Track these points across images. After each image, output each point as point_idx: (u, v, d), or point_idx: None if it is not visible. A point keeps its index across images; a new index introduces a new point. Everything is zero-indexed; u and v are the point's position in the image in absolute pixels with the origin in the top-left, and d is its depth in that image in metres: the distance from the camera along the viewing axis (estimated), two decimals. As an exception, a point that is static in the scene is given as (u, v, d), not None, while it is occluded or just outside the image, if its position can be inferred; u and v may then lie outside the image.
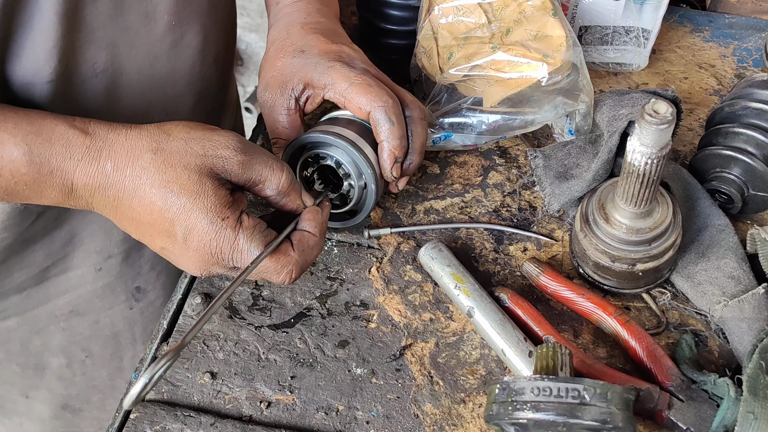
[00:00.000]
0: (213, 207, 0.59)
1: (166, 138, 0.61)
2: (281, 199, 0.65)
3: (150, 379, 0.52)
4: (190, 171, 0.60)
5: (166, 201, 0.59)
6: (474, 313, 0.68)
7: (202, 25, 0.80)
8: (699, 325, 0.69)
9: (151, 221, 0.61)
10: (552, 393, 0.52)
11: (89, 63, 0.70)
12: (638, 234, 0.66)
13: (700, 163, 0.77)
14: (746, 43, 1.00)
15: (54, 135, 0.60)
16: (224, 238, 0.60)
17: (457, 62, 0.82)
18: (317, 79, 0.73)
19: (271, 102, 0.75)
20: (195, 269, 0.63)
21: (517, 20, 0.82)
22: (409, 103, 0.74)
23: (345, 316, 0.72)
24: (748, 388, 0.57)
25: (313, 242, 0.65)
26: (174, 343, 0.70)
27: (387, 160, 0.72)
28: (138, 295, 0.95)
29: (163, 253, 0.64)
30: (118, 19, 0.70)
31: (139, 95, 0.77)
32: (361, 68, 0.74)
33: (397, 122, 0.72)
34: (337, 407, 0.66)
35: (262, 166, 0.63)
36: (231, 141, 0.62)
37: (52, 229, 0.84)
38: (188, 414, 0.65)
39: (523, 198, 0.82)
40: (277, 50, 0.76)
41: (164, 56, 0.77)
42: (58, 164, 0.59)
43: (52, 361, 0.95)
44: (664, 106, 0.57)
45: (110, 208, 0.62)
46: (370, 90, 0.71)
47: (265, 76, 0.76)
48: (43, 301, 0.89)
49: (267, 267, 0.62)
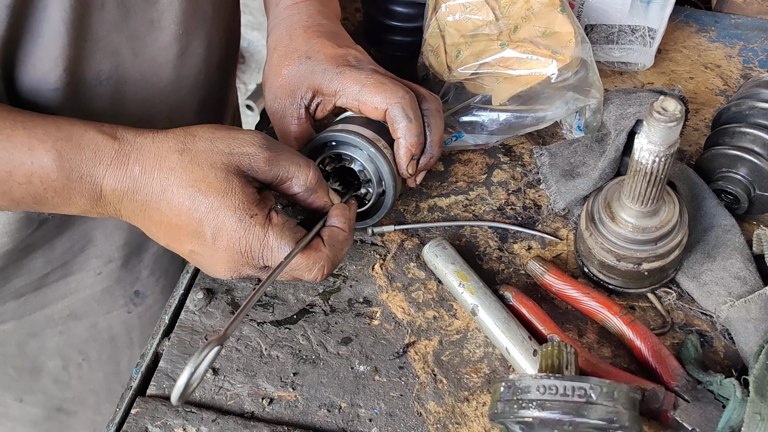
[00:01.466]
0: (241, 204, 0.59)
1: (191, 139, 0.61)
2: (309, 196, 0.65)
3: (195, 369, 0.50)
4: (216, 169, 0.59)
5: (194, 201, 0.59)
6: (478, 311, 0.68)
7: (207, 32, 0.79)
8: (704, 326, 0.69)
9: (179, 222, 0.60)
10: (558, 391, 0.51)
11: (94, 71, 0.70)
12: (644, 233, 0.66)
13: (707, 162, 0.77)
14: (752, 44, 1.00)
15: (84, 140, 0.59)
16: (254, 236, 0.59)
17: (466, 60, 0.82)
18: (327, 86, 0.71)
19: (281, 111, 0.73)
20: (225, 271, 0.62)
21: (524, 17, 0.81)
22: (426, 96, 0.73)
23: (348, 313, 0.72)
24: (755, 389, 0.57)
25: (343, 237, 0.64)
26: (177, 339, 0.70)
27: (403, 157, 0.71)
28: (137, 299, 0.95)
29: (192, 257, 0.63)
30: (124, 27, 0.70)
31: (143, 103, 0.76)
32: (370, 69, 0.72)
33: (415, 118, 0.70)
34: (340, 404, 0.65)
35: (288, 163, 0.63)
36: (256, 138, 0.62)
37: (53, 237, 0.83)
38: (189, 410, 0.64)
39: (528, 196, 0.81)
40: (282, 57, 0.73)
41: (170, 65, 0.76)
42: (88, 170, 0.59)
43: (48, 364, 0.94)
44: (673, 103, 0.57)
45: (138, 213, 0.61)
46: (385, 88, 0.69)
47: (272, 85, 0.74)
48: (41, 306, 0.89)
49: (299, 264, 0.61)
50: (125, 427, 0.64)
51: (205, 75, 0.82)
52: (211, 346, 0.52)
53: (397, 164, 0.72)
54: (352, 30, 1.04)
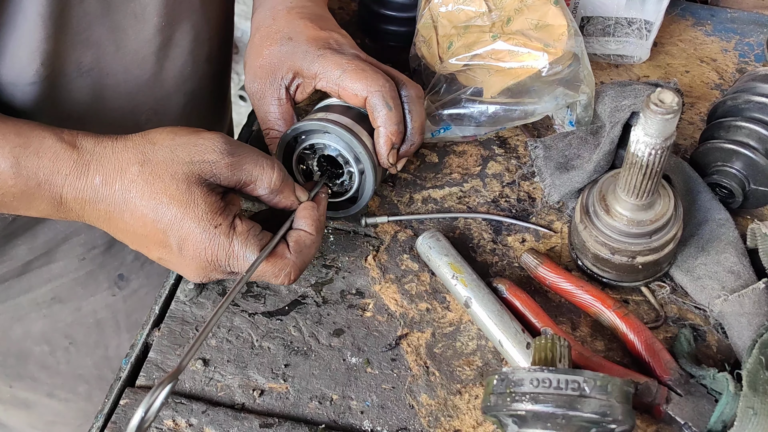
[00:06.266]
0: (204, 215, 0.59)
1: (151, 148, 0.60)
2: (274, 197, 0.64)
3: (147, 408, 0.50)
4: (178, 181, 0.59)
5: (157, 213, 0.58)
6: (471, 303, 0.67)
7: (193, 24, 0.78)
8: (698, 320, 0.69)
9: (144, 233, 0.60)
10: (551, 385, 0.51)
11: (74, 63, 0.69)
12: (639, 226, 0.66)
13: (702, 156, 0.76)
14: (748, 38, 1.00)
15: (42, 148, 0.59)
16: (219, 246, 0.59)
17: (457, 51, 0.81)
18: (307, 68, 0.70)
19: (261, 92, 0.72)
20: (194, 276, 0.62)
21: (517, 9, 0.81)
22: (406, 83, 0.72)
23: (340, 305, 0.71)
24: (748, 384, 0.57)
25: (309, 241, 0.64)
26: (167, 330, 0.69)
27: (384, 146, 0.70)
28: (121, 282, 0.94)
29: (161, 263, 0.63)
30: (105, 20, 0.69)
31: (126, 95, 0.75)
32: (351, 54, 0.71)
33: (395, 107, 0.69)
34: (331, 396, 0.65)
35: (251, 166, 0.62)
36: (217, 144, 0.61)
37: (35, 225, 0.82)
38: (179, 401, 0.64)
39: (522, 189, 0.81)
40: (264, 37, 0.73)
41: (152, 57, 0.75)
42: (46, 177, 0.59)
43: (35, 349, 0.94)
44: (670, 95, 0.56)
45: (102, 221, 0.61)
46: (366, 75, 0.69)
47: (252, 64, 0.73)
48: (24, 290, 0.88)
49: (264, 271, 0.61)
50: (114, 418, 0.63)
51: (192, 67, 0.81)
52: (163, 385, 0.51)
53: (378, 153, 0.71)
54: (347, 19, 1.04)
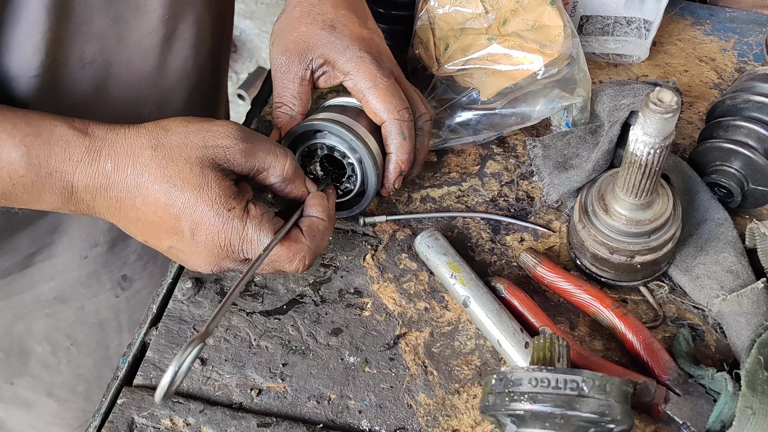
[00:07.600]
0: (218, 198, 0.58)
1: (164, 134, 0.60)
2: (286, 186, 0.64)
3: (178, 367, 0.50)
4: (191, 164, 0.58)
5: (170, 197, 0.58)
6: (470, 302, 0.67)
7: (196, 17, 0.77)
8: (696, 320, 0.69)
9: (156, 219, 0.59)
10: (550, 384, 0.51)
11: (77, 54, 0.69)
12: (638, 225, 0.65)
13: (700, 156, 0.76)
14: (747, 38, 0.99)
15: (53, 136, 0.58)
16: (232, 229, 0.59)
17: (454, 55, 0.81)
18: (342, 63, 0.70)
19: (286, 66, 0.72)
20: (205, 265, 0.61)
21: (514, 10, 0.80)
22: (422, 114, 0.73)
23: (338, 304, 0.71)
24: (747, 383, 0.57)
25: (323, 227, 0.64)
26: (164, 329, 0.69)
27: (393, 172, 0.72)
28: (124, 283, 0.94)
29: (171, 253, 0.62)
30: (108, 11, 0.68)
31: (128, 88, 0.75)
32: (387, 68, 0.71)
33: (409, 137, 0.71)
34: (329, 396, 0.65)
35: (265, 153, 0.62)
36: (231, 130, 0.61)
37: (37, 217, 0.82)
38: (177, 400, 0.64)
39: (521, 188, 0.81)
40: (304, 13, 0.72)
41: (156, 49, 0.75)
42: (57, 165, 0.58)
43: (37, 348, 0.94)
44: (669, 94, 0.56)
45: (113, 210, 0.61)
46: (391, 99, 0.69)
47: (284, 36, 0.72)
48: (27, 286, 0.88)
49: (279, 255, 0.61)
50: (111, 418, 0.63)
51: (195, 61, 0.81)
52: (194, 343, 0.51)
53: (385, 177, 0.73)
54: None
